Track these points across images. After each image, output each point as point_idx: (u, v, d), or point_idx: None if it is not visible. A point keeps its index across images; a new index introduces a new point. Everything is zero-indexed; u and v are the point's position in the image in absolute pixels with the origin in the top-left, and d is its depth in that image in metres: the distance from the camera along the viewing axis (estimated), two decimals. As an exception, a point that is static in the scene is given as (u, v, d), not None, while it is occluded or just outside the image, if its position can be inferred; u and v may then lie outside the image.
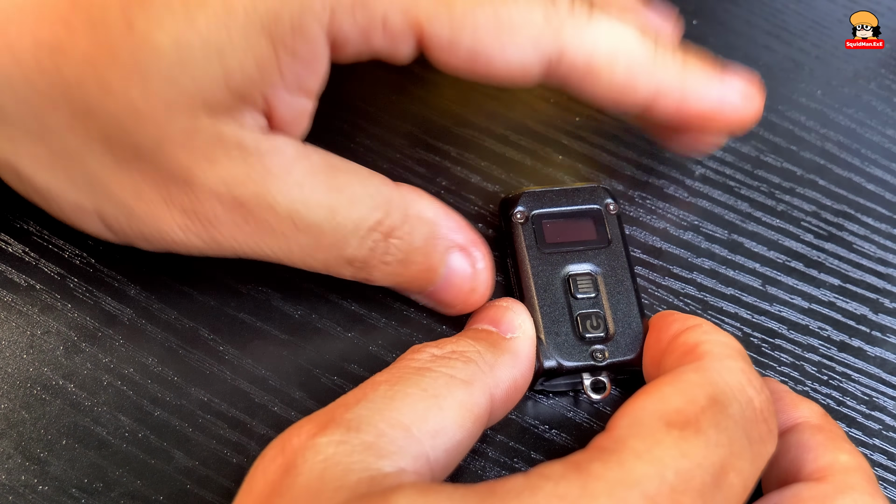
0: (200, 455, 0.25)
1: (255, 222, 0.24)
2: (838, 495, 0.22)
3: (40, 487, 0.24)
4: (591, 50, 0.25)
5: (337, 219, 0.24)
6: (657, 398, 0.21)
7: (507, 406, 0.24)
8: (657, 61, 0.26)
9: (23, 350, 0.26)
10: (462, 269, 0.26)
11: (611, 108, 0.27)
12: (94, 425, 0.25)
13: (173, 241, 0.24)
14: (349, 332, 0.28)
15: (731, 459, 0.20)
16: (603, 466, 0.19)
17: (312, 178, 0.24)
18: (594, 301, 0.27)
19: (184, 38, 0.21)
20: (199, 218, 0.24)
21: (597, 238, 0.28)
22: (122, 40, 0.21)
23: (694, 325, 0.25)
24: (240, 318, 0.28)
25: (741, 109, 0.27)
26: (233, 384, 0.26)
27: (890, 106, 0.36)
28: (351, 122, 0.32)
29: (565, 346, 0.26)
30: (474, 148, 0.32)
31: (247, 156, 0.23)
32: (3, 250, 0.28)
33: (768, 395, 0.23)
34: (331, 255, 0.25)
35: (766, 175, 0.33)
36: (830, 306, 0.31)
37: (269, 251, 0.25)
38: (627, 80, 0.25)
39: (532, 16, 0.24)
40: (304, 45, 0.22)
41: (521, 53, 0.24)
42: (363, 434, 0.20)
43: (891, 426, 0.29)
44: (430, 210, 0.26)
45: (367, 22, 0.23)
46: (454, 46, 0.24)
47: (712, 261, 0.31)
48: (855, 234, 0.32)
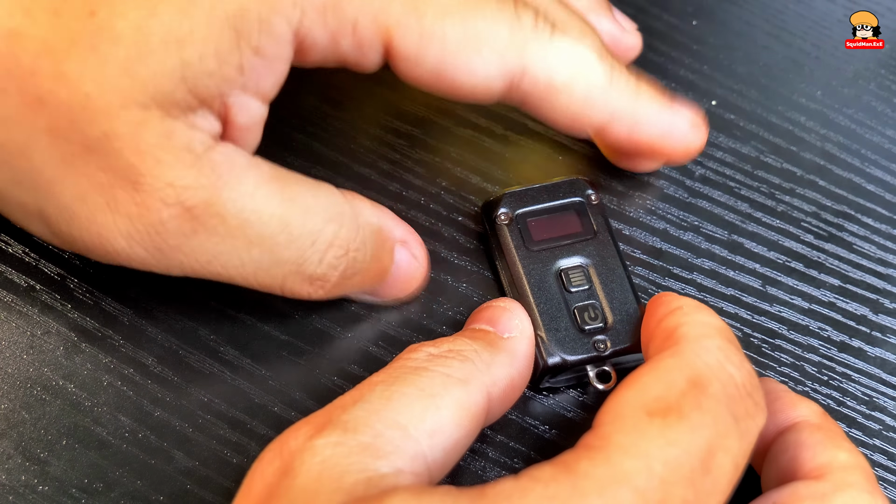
0: (200, 455, 0.25)
1: (204, 232, 0.23)
2: (836, 493, 0.22)
3: (40, 488, 0.24)
4: (552, 70, 0.25)
5: (291, 231, 0.23)
6: (637, 389, 0.21)
7: (504, 404, 0.24)
8: (613, 86, 0.26)
9: (23, 350, 0.26)
10: (407, 263, 0.27)
11: (564, 130, 0.27)
12: (94, 425, 0.25)
13: (115, 251, 0.23)
14: (349, 332, 0.28)
15: (718, 439, 0.20)
16: (591, 464, 0.19)
17: (264, 187, 0.23)
18: (589, 293, 0.27)
19: (144, 26, 0.21)
20: (145, 225, 0.22)
21: (583, 230, 0.28)
22: (81, 27, 0.21)
23: (675, 308, 0.24)
24: (240, 318, 0.28)
25: (689, 138, 0.28)
26: (233, 384, 0.27)
27: (890, 106, 0.36)
28: (349, 123, 0.32)
29: (567, 340, 0.26)
30: (474, 148, 0.32)
31: (196, 159, 0.22)
32: (3, 250, 0.28)
33: (749, 369, 0.22)
34: (287, 272, 0.24)
35: (766, 176, 0.33)
36: (830, 307, 0.31)
37: (220, 267, 0.24)
38: (584, 103, 0.26)
39: (498, 30, 0.24)
40: (269, 42, 0.22)
41: (485, 68, 0.24)
42: (360, 435, 0.20)
43: (891, 426, 0.29)
44: (373, 216, 0.26)
45: (337, 26, 0.23)
46: (421, 57, 0.24)
47: (712, 261, 0.31)
48: (855, 234, 0.32)
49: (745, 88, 0.36)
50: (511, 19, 0.24)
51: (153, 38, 0.21)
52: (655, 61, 0.36)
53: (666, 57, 0.36)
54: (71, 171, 0.22)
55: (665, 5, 0.38)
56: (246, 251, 0.23)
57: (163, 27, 0.21)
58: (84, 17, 0.21)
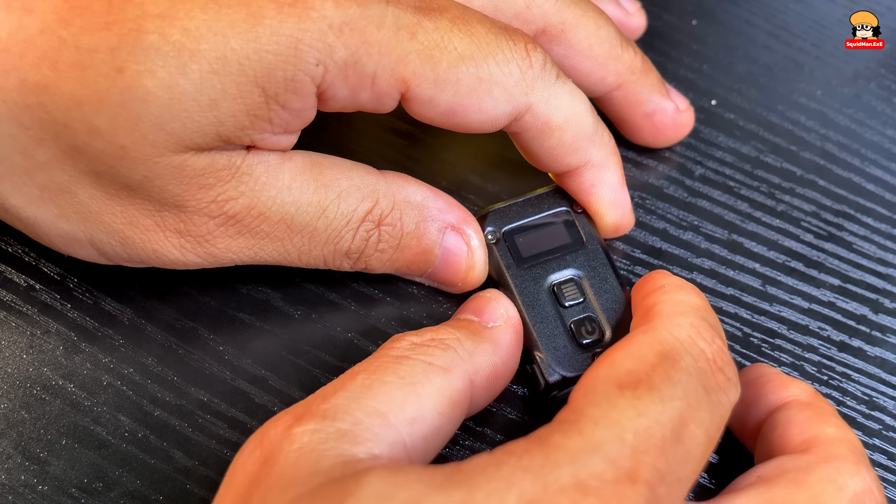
0: (200, 455, 0.25)
1: (249, 233, 0.25)
2: (821, 465, 0.22)
3: (40, 487, 0.24)
4: (553, 111, 0.26)
5: (328, 215, 0.25)
6: (608, 364, 0.22)
7: (488, 393, 0.25)
8: (597, 136, 0.27)
9: (23, 350, 0.26)
10: (457, 248, 0.27)
11: (539, 164, 0.28)
12: (93, 425, 0.25)
13: (170, 261, 0.25)
14: (349, 332, 0.28)
15: (689, 411, 0.20)
16: (563, 437, 0.19)
17: (299, 178, 0.25)
18: (584, 306, 0.27)
19: (176, 85, 0.22)
20: (194, 237, 0.24)
21: (571, 241, 0.28)
22: (111, 84, 0.22)
23: (657, 287, 0.25)
24: (240, 318, 0.28)
25: (626, 220, 0.29)
26: (233, 384, 0.27)
27: (890, 106, 0.36)
28: (349, 123, 0.32)
29: (566, 358, 0.26)
30: (474, 148, 0.32)
31: (234, 172, 0.24)
32: (3, 250, 0.28)
33: (721, 345, 0.23)
34: (327, 251, 0.26)
35: (765, 175, 0.33)
36: (830, 306, 0.31)
37: (267, 255, 0.25)
38: (571, 145, 0.27)
39: (510, 70, 0.25)
40: (295, 99, 0.23)
41: (495, 107, 0.25)
42: (338, 422, 0.21)
43: (891, 426, 0.29)
44: (417, 194, 0.26)
45: (358, 80, 0.23)
46: (435, 101, 0.24)
47: (712, 261, 0.31)
48: (855, 234, 0.32)
49: (745, 88, 0.36)
50: (522, 59, 0.25)
51: (185, 98, 0.22)
52: (655, 61, 0.36)
53: (666, 56, 0.36)
54: (117, 203, 0.24)
55: (665, 5, 0.38)
56: (289, 240, 0.25)
57: (194, 87, 0.22)
58: (112, 73, 0.22)
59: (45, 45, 0.22)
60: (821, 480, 0.22)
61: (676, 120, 0.32)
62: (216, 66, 0.22)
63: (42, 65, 0.22)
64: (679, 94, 0.32)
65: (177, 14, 0.22)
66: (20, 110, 0.22)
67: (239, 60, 0.22)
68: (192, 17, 0.22)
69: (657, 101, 0.31)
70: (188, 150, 0.23)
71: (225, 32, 0.22)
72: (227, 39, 0.22)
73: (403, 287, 0.29)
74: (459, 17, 0.24)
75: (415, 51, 0.23)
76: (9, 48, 0.22)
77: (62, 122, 0.22)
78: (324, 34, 0.22)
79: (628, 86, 0.30)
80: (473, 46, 0.24)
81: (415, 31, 0.23)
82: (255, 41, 0.22)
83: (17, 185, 0.24)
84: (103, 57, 0.21)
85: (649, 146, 0.33)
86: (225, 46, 0.22)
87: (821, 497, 0.22)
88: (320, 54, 0.22)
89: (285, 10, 0.22)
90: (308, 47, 0.22)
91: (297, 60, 0.22)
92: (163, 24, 0.21)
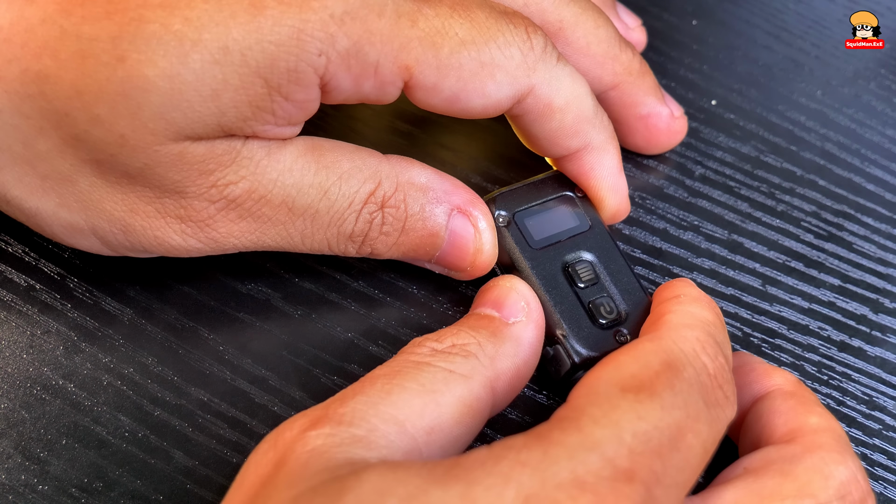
0: (200, 455, 0.25)
1: (251, 217, 0.24)
2: (806, 455, 0.22)
3: (40, 487, 0.24)
4: (554, 93, 0.26)
5: (330, 197, 0.25)
6: (613, 367, 0.22)
7: (510, 395, 0.24)
8: (597, 119, 0.27)
9: (23, 350, 0.26)
10: (464, 231, 0.27)
11: (538, 148, 0.28)
12: (94, 425, 0.25)
13: (172, 247, 0.25)
14: (349, 332, 0.28)
15: (689, 422, 0.21)
16: (562, 433, 0.20)
17: (300, 160, 0.24)
18: (598, 287, 0.27)
19: (177, 75, 0.21)
20: (196, 222, 0.24)
21: (578, 224, 0.28)
22: (111, 73, 0.21)
23: (673, 297, 0.25)
24: (240, 318, 0.28)
25: (622, 207, 0.29)
26: (233, 384, 0.27)
27: (890, 106, 0.36)
28: (349, 122, 0.32)
29: (590, 337, 0.26)
30: (474, 147, 0.32)
31: (235, 156, 0.23)
32: (3, 250, 0.28)
33: (723, 363, 0.23)
34: (331, 234, 0.25)
35: (765, 175, 0.33)
36: (830, 306, 0.31)
37: (270, 240, 0.25)
38: (572, 127, 0.27)
39: (511, 53, 0.25)
40: (297, 90, 0.23)
41: (498, 91, 0.25)
42: (354, 428, 0.21)
43: (891, 426, 0.29)
44: (422, 176, 0.26)
45: (361, 70, 0.23)
46: (438, 87, 0.24)
47: (712, 261, 0.31)
48: (855, 234, 0.32)
49: (745, 88, 0.36)
50: (523, 42, 0.25)
51: (186, 88, 0.22)
52: (655, 61, 0.36)
53: (666, 56, 0.36)
54: (118, 190, 0.24)
55: (665, 5, 0.38)
56: (291, 223, 0.25)
57: (195, 77, 0.22)
58: (113, 62, 0.21)
59: (47, 34, 0.22)
60: (807, 470, 0.22)
61: (670, 125, 0.32)
62: (218, 56, 0.22)
63: (43, 54, 0.22)
64: (675, 102, 0.32)
65: (178, 4, 0.22)
66: (21, 100, 0.22)
67: (241, 51, 0.22)
68: (193, 6, 0.22)
69: (652, 105, 0.31)
70: (188, 139, 0.23)
71: (227, 23, 0.22)
72: (228, 30, 0.22)
73: (403, 287, 0.29)
74: (459, 3, 0.24)
75: (416, 38, 0.23)
76: (10, 38, 0.22)
77: (63, 112, 0.22)
78: (326, 24, 0.22)
79: (624, 87, 0.30)
80: (474, 31, 0.24)
81: (416, 19, 0.23)
82: (257, 31, 0.22)
83: (18, 175, 0.23)
84: (104, 46, 0.21)
85: (641, 151, 0.33)
86: (227, 37, 0.22)
87: (808, 487, 0.22)
88: (322, 44, 0.22)
89: (287, 1, 0.22)
90: (310, 37, 0.22)
91: (300, 51, 0.22)
92: (164, 14, 0.21)
